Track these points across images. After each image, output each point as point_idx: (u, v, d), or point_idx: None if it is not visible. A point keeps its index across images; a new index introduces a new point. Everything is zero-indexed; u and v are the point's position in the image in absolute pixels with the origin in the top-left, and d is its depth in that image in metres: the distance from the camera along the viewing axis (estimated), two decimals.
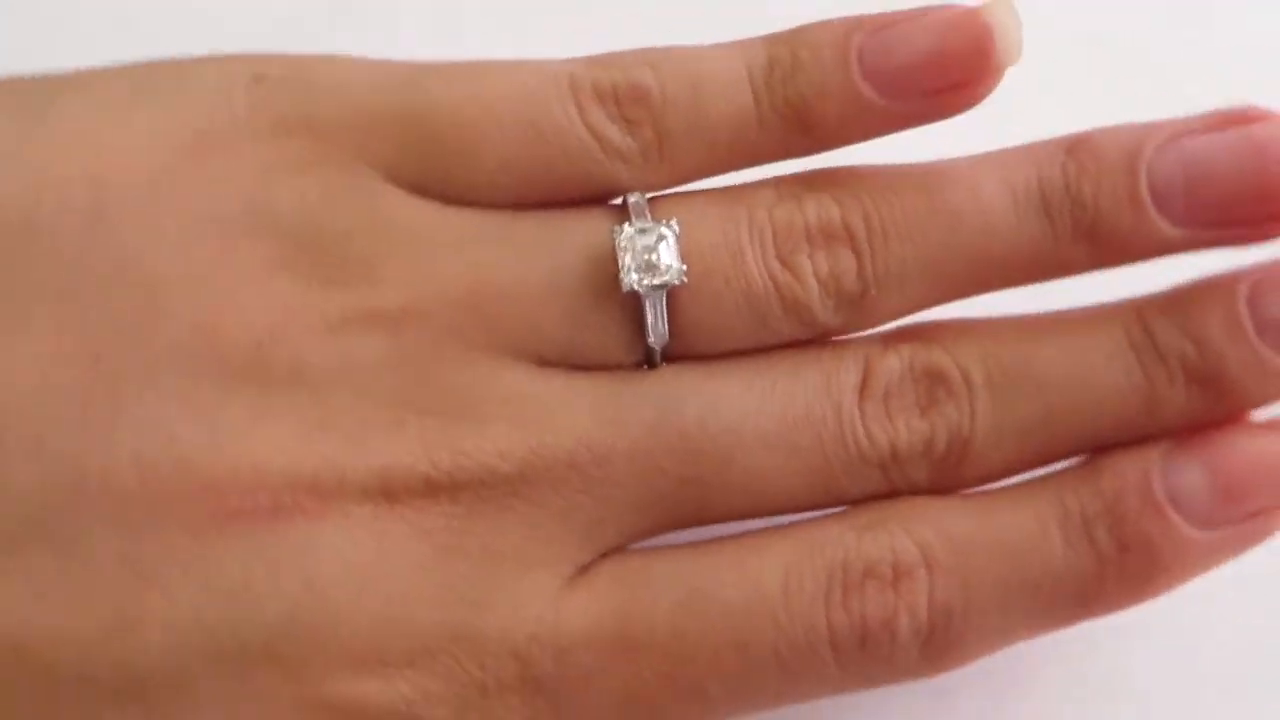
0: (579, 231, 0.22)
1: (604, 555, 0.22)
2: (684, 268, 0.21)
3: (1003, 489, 0.22)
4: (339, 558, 0.20)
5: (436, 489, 0.21)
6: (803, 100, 0.22)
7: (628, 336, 0.22)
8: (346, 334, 0.21)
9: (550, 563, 0.21)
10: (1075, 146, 0.22)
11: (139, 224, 0.21)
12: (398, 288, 0.21)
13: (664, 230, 0.21)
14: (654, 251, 0.21)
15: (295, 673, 0.20)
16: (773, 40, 0.22)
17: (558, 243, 0.22)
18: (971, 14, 0.21)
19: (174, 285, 0.21)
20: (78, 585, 0.19)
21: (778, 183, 0.22)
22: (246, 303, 0.21)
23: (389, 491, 0.21)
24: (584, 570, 0.21)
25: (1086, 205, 0.22)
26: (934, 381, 0.22)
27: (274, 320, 0.21)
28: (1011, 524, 0.21)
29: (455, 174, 0.22)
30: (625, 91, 0.22)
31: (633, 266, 0.21)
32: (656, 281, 0.21)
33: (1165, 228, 0.21)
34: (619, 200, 0.22)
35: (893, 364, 0.22)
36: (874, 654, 0.21)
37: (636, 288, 0.21)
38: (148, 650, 0.19)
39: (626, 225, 0.21)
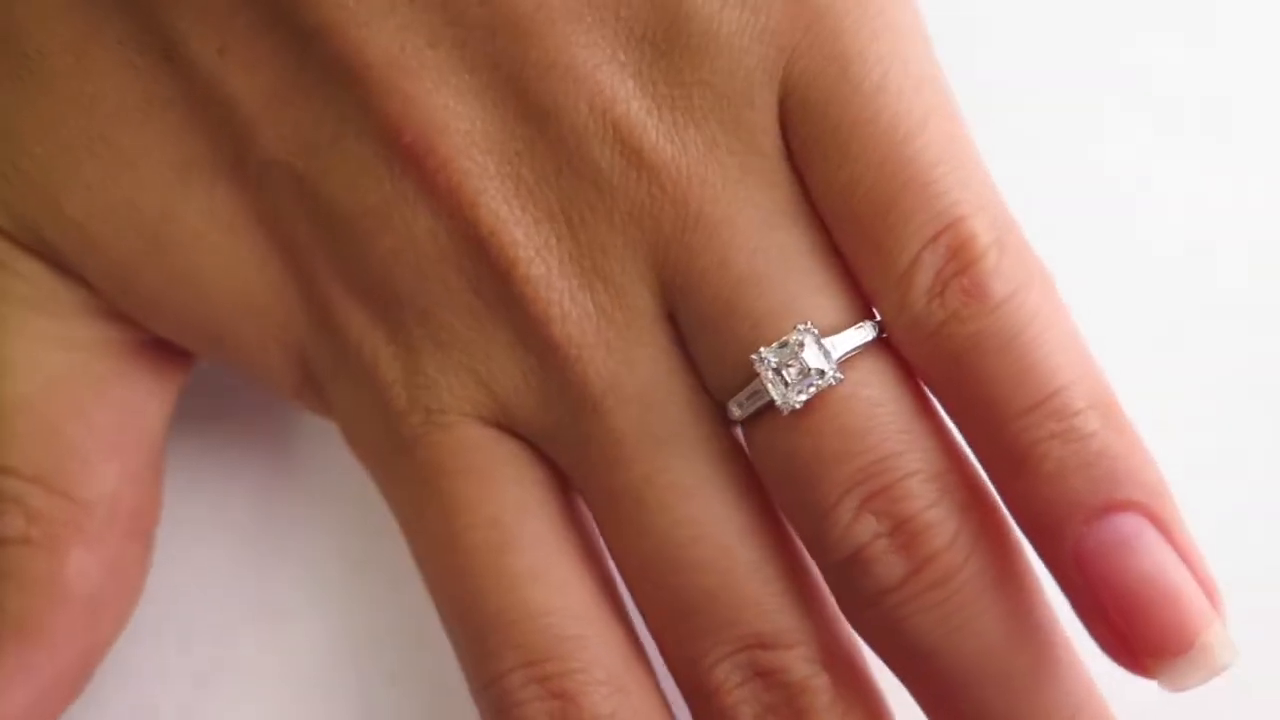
0: (801, 286, 0.22)
1: (530, 440, 0.24)
2: (796, 408, 0.21)
3: None
4: (413, 225, 0.23)
5: (509, 279, 0.23)
6: (1039, 460, 0.21)
7: (727, 383, 0.22)
8: (604, 135, 0.22)
9: (499, 400, 0.23)
10: None
11: None
12: (675, 156, 0.22)
13: (829, 369, 0.21)
14: (802, 374, 0.21)
15: (314, 240, 0.24)
16: (1095, 406, 0.21)
17: (783, 273, 0.22)
18: (1201, 615, 0.20)
19: None
20: None
21: (948, 463, 0.22)
22: (585, 34, 0.22)
23: (484, 242, 0.23)
24: (507, 428, 0.24)
25: None
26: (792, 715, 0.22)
27: (582, 65, 0.22)
28: None
29: (818, 150, 0.22)
30: (974, 276, 0.21)
31: (775, 357, 0.22)
32: (774, 389, 0.22)
33: None
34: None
35: (796, 669, 0.22)
36: None
37: (760, 371, 0.22)
38: None
39: (816, 333, 0.22)
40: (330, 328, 0.24)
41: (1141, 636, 0.20)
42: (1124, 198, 0.28)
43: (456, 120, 0.23)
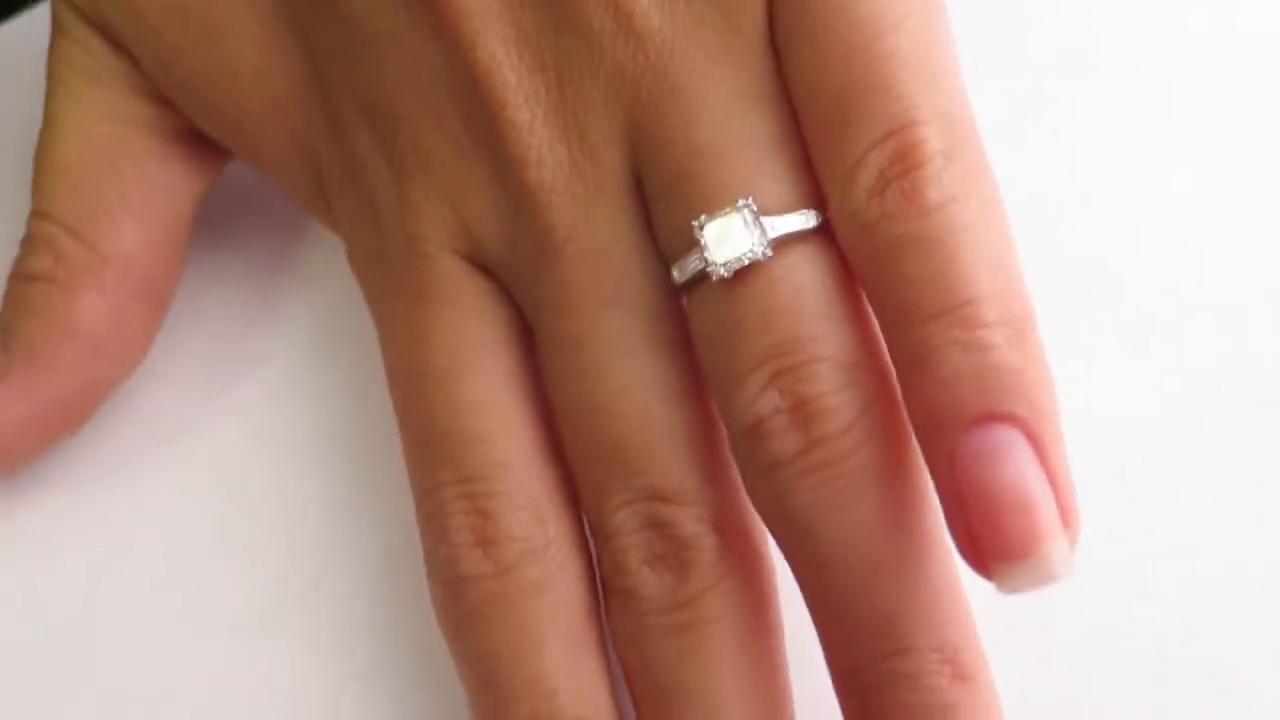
0: (753, 166, 0.23)
1: (498, 275, 0.25)
2: (724, 275, 0.23)
3: None
4: (418, 55, 0.25)
5: (496, 117, 0.24)
6: (937, 364, 0.22)
7: (676, 246, 0.24)
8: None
9: (474, 234, 0.25)
10: (954, 679, 0.22)
11: None
12: (662, 27, 0.24)
13: (760, 246, 0.23)
14: (734, 244, 0.23)
15: (333, 55, 0.26)
16: (1006, 321, 0.22)
17: (740, 150, 0.23)
18: (1047, 528, 0.21)
19: None
20: None
21: (858, 355, 0.23)
22: None
23: (477, 80, 0.24)
24: (480, 263, 0.25)
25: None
26: (680, 567, 0.23)
27: None
28: None
29: (795, 38, 0.23)
30: (912, 180, 0.22)
31: (714, 228, 0.23)
32: (706, 255, 0.23)
33: None
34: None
35: (686, 525, 0.23)
36: None
37: (696, 237, 0.23)
38: None
39: (754, 209, 0.23)
40: (341, 141, 0.26)
41: (990, 538, 0.21)
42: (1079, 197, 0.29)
43: None
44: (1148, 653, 0.25)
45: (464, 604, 0.24)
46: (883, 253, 0.22)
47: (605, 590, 0.24)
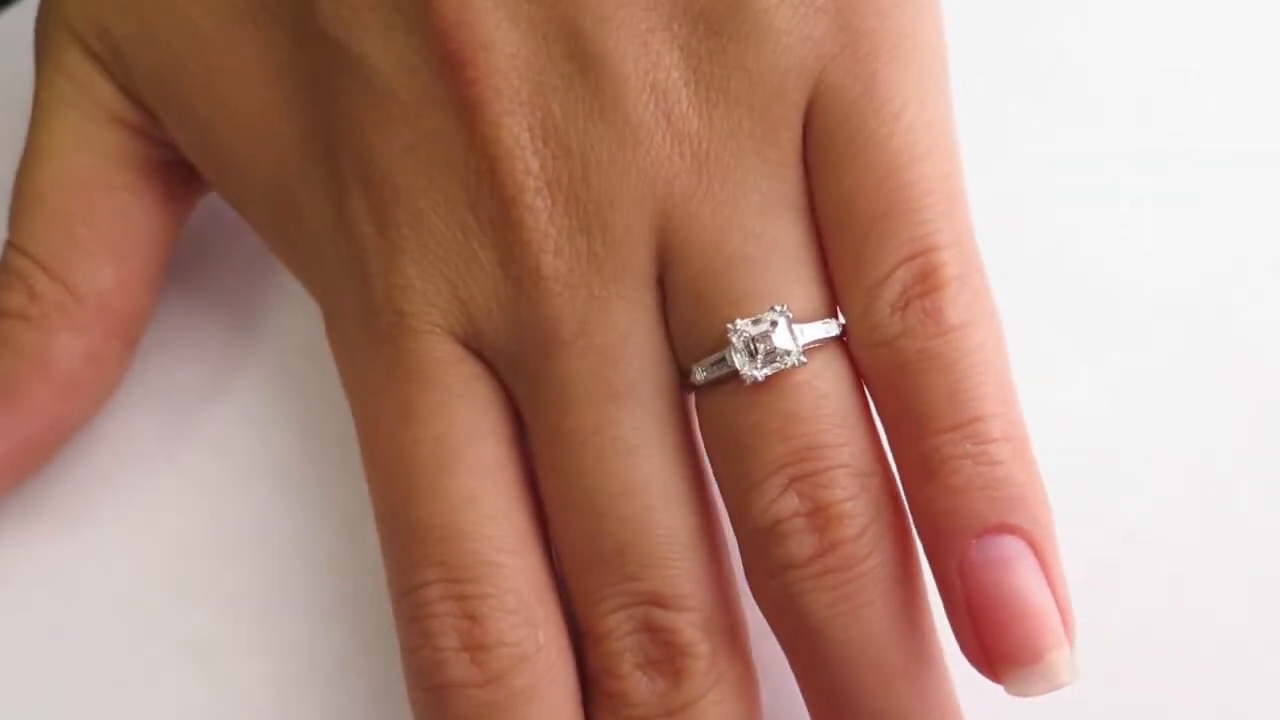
0: (784, 276, 0.24)
1: (491, 365, 0.25)
2: (757, 379, 0.23)
3: None
4: (434, 131, 0.24)
5: (509, 203, 0.24)
6: (948, 475, 0.23)
7: (694, 348, 0.24)
8: (641, 93, 0.24)
9: (470, 318, 0.24)
10: None
11: None
12: (698, 131, 0.24)
13: (795, 351, 0.23)
14: (770, 351, 0.23)
15: (342, 114, 0.25)
16: (1010, 435, 0.23)
17: (772, 259, 0.24)
18: (1050, 637, 0.22)
19: None
20: None
21: (877, 469, 0.24)
22: None
23: (495, 162, 0.24)
24: (475, 349, 0.25)
25: None
26: (675, 676, 0.23)
27: (636, 23, 0.24)
28: None
29: (829, 153, 0.24)
30: (934, 300, 0.24)
31: (748, 331, 0.23)
32: (741, 360, 0.23)
33: None
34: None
35: (683, 632, 0.24)
36: None
37: (731, 340, 0.24)
38: None
39: (790, 316, 0.24)
40: (334, 199, 0.25)
41: (999, 644, 0.22)
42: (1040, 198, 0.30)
43: (504, 42, 0.24)
44: (1113, 653, 0.26)
45: (449, 712, 0.24)
46: (903, 365, 0.23)
47: (593, 690, 0.24)
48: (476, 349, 0.25)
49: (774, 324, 0.23)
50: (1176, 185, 0.30)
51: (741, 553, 0.24)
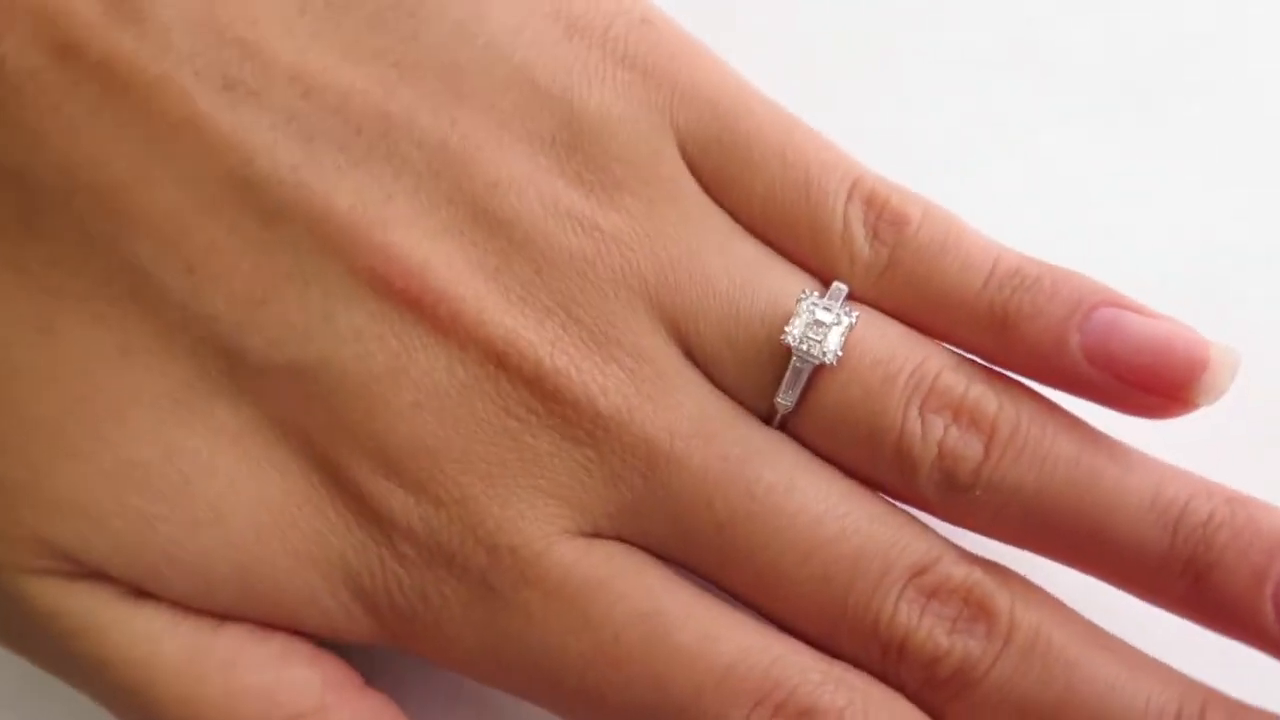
0: (779, 277, 0.25)
1: (618, 536, 0.24)
2: (839, 354, 0.24)
3: None
4: (429, 370, 0.24)
5: (537, 381, 0.24)
6: (1017, 309, 0.24)
7: (762, 386, 0.24)
8: (562, 224, 0.24)
9: (573, 506, 0.24)
10: (1234, 506, 0.23)
11: (503, 23, 0.25)
12: (625, 221, 0.25)
13: (843, 315, 0.24)
14: (825, 329, 0.24)
15: (330, 427, 0.23)
16: (1026, 259, 0.25)
17: (759, 274, 0.25)
18: (1199, 344, 0.23)
19: (475, 84, 0.25)
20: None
21: (962, 358, 0.25)
22: (508, 151, 0.24)
23: (503, 356, 0.24)
24: (594, 534, 0.24)
25: (1212, 558, 0.23)
26: (981, 613, 0.23)
27: (519, 175, 0.24)
28: None
29: (728, 174, 0.25)
30: (891, 212, 0.25)
31: (799, 328, 0.24)
32: (811, 350, 0.24)
33: None
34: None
35: (957, 573, 0.24)
36: None
37: (793, 344, 0.24)
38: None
39: (815, 295, 0.24)
40: (372, 519, 0.24)
41: (1170, 377, 0.23)
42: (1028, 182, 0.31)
43: (435, 256, 0.24)
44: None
45: None
46: (912, 271, 0.25)
47: (931, 689, 0.24)
48: (591, 529, 0.24)
49: (810, 308, 0.24)
50: (1176, 181, 0.31)
51: (928, 500, 0.25)
